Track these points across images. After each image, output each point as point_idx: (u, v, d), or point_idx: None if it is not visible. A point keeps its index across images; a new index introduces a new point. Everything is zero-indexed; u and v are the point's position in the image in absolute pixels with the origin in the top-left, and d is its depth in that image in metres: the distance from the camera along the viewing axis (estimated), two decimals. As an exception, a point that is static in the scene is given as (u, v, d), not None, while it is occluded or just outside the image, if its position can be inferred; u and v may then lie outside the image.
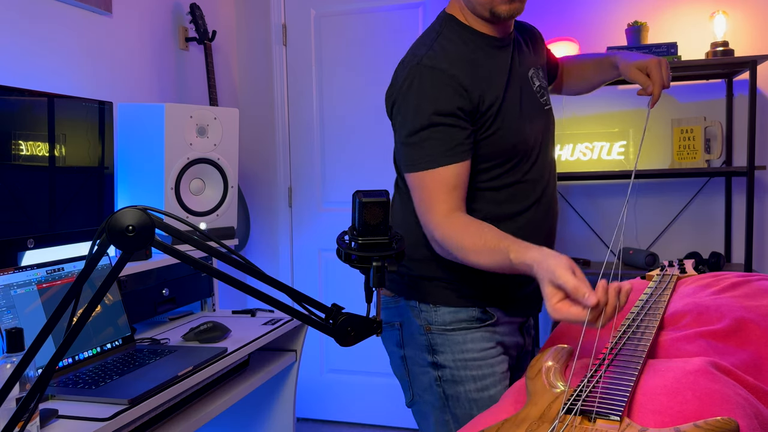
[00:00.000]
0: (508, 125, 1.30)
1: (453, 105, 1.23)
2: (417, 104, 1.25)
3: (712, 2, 2.63)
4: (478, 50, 1.31)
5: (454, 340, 1.32)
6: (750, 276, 1.35)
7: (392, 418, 3.14)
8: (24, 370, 0.80)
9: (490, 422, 0.92)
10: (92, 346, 1.67)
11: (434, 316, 1.33)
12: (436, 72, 1.25)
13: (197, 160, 2.16)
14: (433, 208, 1.23)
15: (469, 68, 1.27)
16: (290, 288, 0.91)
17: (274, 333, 1.98)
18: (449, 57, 1.27)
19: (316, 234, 3.20)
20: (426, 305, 1.34)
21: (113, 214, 0.77)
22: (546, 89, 1.46)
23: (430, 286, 1.34)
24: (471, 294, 1.32)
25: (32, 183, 1.76)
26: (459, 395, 1.32)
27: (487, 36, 1.32)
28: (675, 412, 0.83)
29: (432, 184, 1.23)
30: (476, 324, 1.32)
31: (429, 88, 1.24)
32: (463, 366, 1.32)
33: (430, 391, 1.35)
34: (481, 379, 1.31)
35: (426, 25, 2.97)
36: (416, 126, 1.24)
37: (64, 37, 2.16)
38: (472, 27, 1.32)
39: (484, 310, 1.33)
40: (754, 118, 2.35)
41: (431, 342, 1.34)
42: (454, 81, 1.24)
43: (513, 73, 1.34)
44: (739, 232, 2.63)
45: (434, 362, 1.34)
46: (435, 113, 1.23)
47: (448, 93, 1.24)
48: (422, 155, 1.24)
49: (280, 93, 3.19)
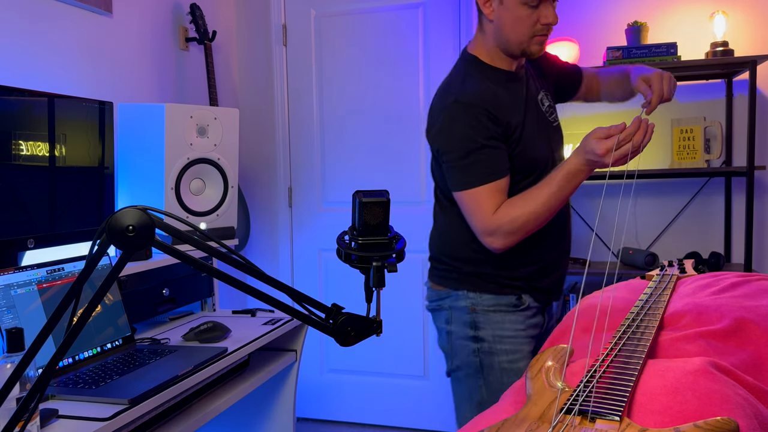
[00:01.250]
0: (529, 144, 1.56)
1: (491, 132, 1.50)
2: (463, 134, 1.50)
3: (711, 2, 2.63)
4: (499, 85, 1.56)
5: (494, 320, 1.59)
6: (750, 276, 1.35)
7: (392, 418, 3.14)
8: (24, 370, 0.81)
9: (490, 422, 0.92)
10: (92, 346, 1.67)
11: (479, 300, 1.60)
12: (472, 107, 1.50)
13: (197, 160, 2.16)
14: (485, 214, 1.49)
15: (495, 101, 1.52)
16: (290, 288, 0.91)
17: (274, 333, 1.98)
18: (479, 93, 1.52)
19: (316, 234, 3.20)
20: (473, 293, 1.61)
21: (113, 214, 0.77)
22: (554, 107, 1.70)
23: (477, 279, 1.61)
24: (508, 284, 1.60)
25: (32, 183, 1.76)
26: (493, 364, 1.59)
27: (504, 71, 1.58)
28: (675, 412, 0.83)
29: (482, 197, 1.49)
30: (512, 309, 1.60)
31: (470, 121, 1.50)
32: (499, 341, 1.59)
33: (468, 360, 1.62)
34: (512, 353, 1.58)
35: (426, 25, 2.97)
36: (464, 151, 1.50)
37: (65, 37, 2.16)
38: (491, 65, 1.58)
39: (519, 297, 1.60)
40: (753, 118, 2.36)
41: (474, 320, 1.60)
42: (488, 113, 1.50)
43: (528, 101, 1.60)
44: (739, 232, 2.64)
45: (475, 336, 1.61)
46: (479, 140, 1.49)
47: (485, 123, 1.50)
48: (473, 174, 1.50)
49: (280, 93, 3.19)
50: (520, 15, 1.50)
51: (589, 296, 1.39)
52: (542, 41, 1.53)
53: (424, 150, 3.01)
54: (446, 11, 2.94)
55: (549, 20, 1.50)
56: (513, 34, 1.52)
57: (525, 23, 1.50)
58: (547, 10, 1.50)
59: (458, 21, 2.93)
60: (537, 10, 1.49)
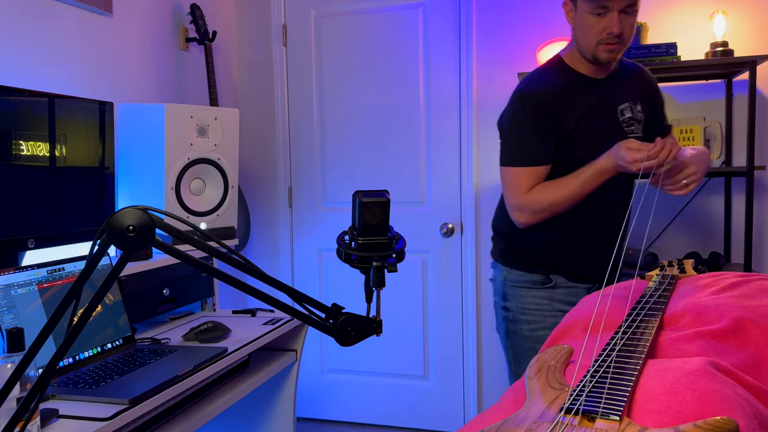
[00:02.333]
0: (579, 144, 1.72)
1: (540, 123, 1.69)
2: (518, 119, 1.72)
3: (711, 2, 2.63)
4: (571, 85, 1.73)
5: (518, 294, 1.83)
6: (749, 276, 1.35)
7: (392, 418, 3.14)
8: (24, 370, 0.81)
9: (490, 422, 0.92)
10: (93, 346, 1.67)
11: (509, 275, 1.85)
12: (530, 98, 1.71)
13: (197, 160, 2.16)
14: (519, 191, 1.72)
15: (555, 97, 1.70)
16: (290, 288, 0.91)
17: (274, 333, 1.98)
18: (541, 88, 1.71)
19: (316, 234, 3.20)
20: (506, 267, 1.86)
21: (114, 214, 0.77)
22: (637, 120, 1.81)
23: (510, 256, 1.86)
24: (536, 264, 1.82)
25: (33, 183, 1.76)
26: (516, 331, 1.84)
27: (582, 75, 1.74)
28: (674, 411, 0.83)
29: (520, 177, 1.71)
30: (537, 285, 1.81)
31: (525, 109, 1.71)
32: (521, 312, 1.83)
33: (500, 325, 1.91)
34: (533, 323, 1.81)
35: (426, 25, 2.97)
36: (515, 134, 1.73)
37: (65, 38, 2.16)
38: (572, 67, 1.75)
39: (547, 277, 1.80)
40: (753, 118, 2.36)
41: (505, 292, 1.87)
42: (543, 106, 1.69)
43: (596, 106, 1.74)
44: (739, 232, 2.64)
45: (504, 306, 1.87)
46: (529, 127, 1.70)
47: (537, 114, 1.69)
48: (517, 155, 1.72)
49: (280, 93, 3.19)
50: (588, 23, 1.64)
51: (588, 296, 1.40)
52: (610, 49, 1.65)
53: (424, 150, 3.01)
54: (446, 11, 2.94)
55: (613, 30, 1.61)
56: (583, 40, 1.68)
57: (592, 30, 1.64)
58: (612, 20, 1.61)
59: (458, 21, 2.93)
60: (603, 19, 1.62)
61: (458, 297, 3.01)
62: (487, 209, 2.95)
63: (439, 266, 3.03)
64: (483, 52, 2.91)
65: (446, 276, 3.02)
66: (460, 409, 3.05)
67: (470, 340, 2.99)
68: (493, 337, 2.98)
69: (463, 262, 2.99)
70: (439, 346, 3.06)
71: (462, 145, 2.95)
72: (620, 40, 1.65)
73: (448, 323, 3.03)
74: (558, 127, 1.70)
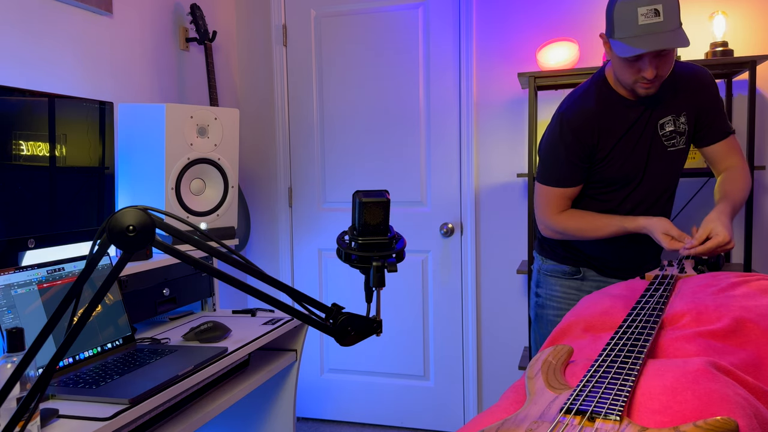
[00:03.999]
0: (615, 164, 1.77)
1: (574, 149, 1.75)
2: (554, 142, 1.78)
3: (711, 2, 2.63)
4: (610, 107, 1.74)
5: (549, 282, 1.97)
6: (750, 276, 1.35)
7: (392, 418, 3.14)
8: (24, 370, 0.81)
9: (490, 422, 0.92)
10: (93, 346, 1.67)
11: (543, 265, 1.99)
12: (567, 124, 1.75)
13: (198, 160, 2.16)
14: (549, 210, 1.84)
15: (592, 124, 1.73)
16: (290, 288, 0.91)
17: (274, 333, 1.98)
18: (580, 114, 1.74)
19: (316, 234, 3.20)
20: (542, 257, 2.00)
21: (114, 214, 0.77)
22: (679, 133, 1.79)
23: (545, 248, 1.99)
24: (566, 256, 1.93)
25: (33, 183, 1.76)
26: (543, 316, 1.98)
27: (623, 98, 1.75)
28: (674, 411, 0.83)
29: (550, 196, 1.82)
30: (566, 276, 1.94)
31: (562, 135, 1.76)
32: (549, 298, 1.96)
33: (532, 309, 2.05)
34: (559, 309, 1.94)
35: (426, 25, 2.97)
36: (550, 156, 1.80)
37: (65, 38, 2.16)
38: (614, 88, 1.75)
39: (577, 269, 1.92)
40: (753, 118, 2.36)
41: (538, 279, 2.01)
42: (578, 134, 1.74)
43: (636, 125, 1.75)
44: (739, 232, 2.64)
45: (536, 292, 2.01)
46: (562, 151, 1.76)
47: (572, 141, 1.75)
48: (550, 176, 1.81)
49: (280, 93, 3.19)
50: (622, 64, 1.64)
51: (589, 296, 1.40)
52: (647, 87, 1.65)
53: (424, 150, 3.02)
54: (446, 11, 2.94)
55: (647, 75, 1.60)
56: (620, 77, 1.68)
57: (627, 71, 1.64)
58: (645, 64, 1.59)
59: (458, 21, 2.93)
60: (637, 62, 1.61)
61: (458, 297, 3.01)
62: (487, 209, 2.95)
63: (439, 266, 3.03)
64: (483, 52, 2.91)
65: (446, 276, 3.02)
66: (460, 409, 3.05)
67: (470, 340, 2.99)
68: (493, 337, 2.98)
69: (463, 262, 2.99)
70: (439, 346, 3.06)
71: (462, 145, 2.95)
72: (657, 80, 1.63)
73: (448, 323, 3.03)
74: (593, 152, 1.76)
